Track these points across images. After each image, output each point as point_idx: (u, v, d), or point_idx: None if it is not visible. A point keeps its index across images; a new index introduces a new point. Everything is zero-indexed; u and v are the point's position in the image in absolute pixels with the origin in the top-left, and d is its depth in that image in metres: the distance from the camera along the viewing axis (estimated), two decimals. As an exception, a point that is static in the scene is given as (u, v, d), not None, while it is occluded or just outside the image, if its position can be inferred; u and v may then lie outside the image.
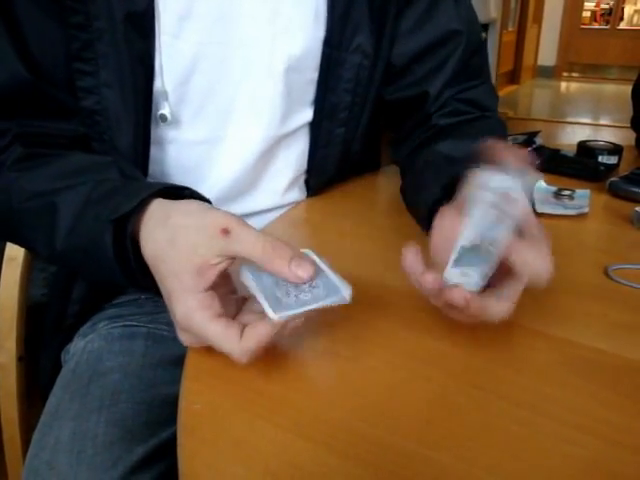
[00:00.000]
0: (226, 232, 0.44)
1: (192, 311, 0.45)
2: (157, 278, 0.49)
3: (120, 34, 0.63)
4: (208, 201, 0.54)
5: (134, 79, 0.65)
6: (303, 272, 0.44)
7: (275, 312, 0.42)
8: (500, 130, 0.79)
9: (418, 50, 0.78)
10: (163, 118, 0.68)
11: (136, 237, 0.52)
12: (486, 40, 4.92)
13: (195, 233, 0.46)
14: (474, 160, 0.54)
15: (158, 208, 0.51)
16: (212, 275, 0.45)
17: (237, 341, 0.43)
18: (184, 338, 0.48)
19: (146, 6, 0.63)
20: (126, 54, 0.64)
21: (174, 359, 0.68)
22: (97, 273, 0.59)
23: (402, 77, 0.80)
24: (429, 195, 0.60)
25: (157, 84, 0.67)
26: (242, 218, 0.46)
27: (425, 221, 0.59)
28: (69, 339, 0.77)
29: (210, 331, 0.44)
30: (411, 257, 0.48)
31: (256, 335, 0.43)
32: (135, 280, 0.53)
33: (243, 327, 0.44)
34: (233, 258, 0.45)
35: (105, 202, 0.55)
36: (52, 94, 0.65)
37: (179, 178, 0.73)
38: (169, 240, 0.47)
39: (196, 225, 0.47)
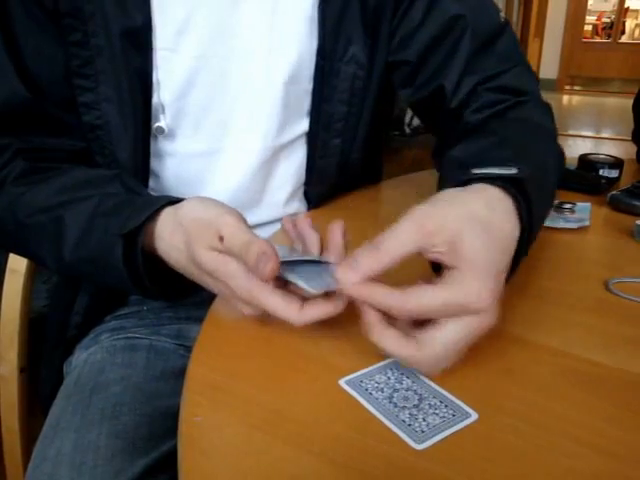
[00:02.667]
0: (221, 239, 0.49)
1: (250, 287, 0.48)
2: (197, 277, 0.54)
3: (118, 50, 0.64)
4: None
5: (132, 94, 0.66)
6: (261, 269, 0.46)
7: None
8: (537, 114, 0.74)
9: (424, 46, 0.75)
10: (159, 130, 0.69)
11: (149, 249, 0.55)
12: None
13: (205, 237, 0.51)
14: (477, 164, 0.54)
15: (168, 218, 0.55)
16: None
17: (297, 313, 0.47)
18: (246, 310, 0.51)
19: (143, 21, 0.64)
20: (124, 69, 0.65)
21: (176, 371, 0.69)
22: (106, 282, 0.63)
23: (416, 76, 0.78)
24: None
25: (155, 98, 0.67)
26: (238, 218, 0.51)
27: None
28: (71, 351, 0.77)
29: (272, 304, 0.48)
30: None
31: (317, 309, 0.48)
32: (145, 288, 0.57)
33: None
34: None
35: (114, 215, 0.57)
36: (51, 111, 0.66)
37: (179, 191, 0.74)
38: (186, 246, 0.52)
39: (204, 232, 0.51)
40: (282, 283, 0.50)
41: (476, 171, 0.53)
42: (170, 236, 0.54)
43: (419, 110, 0.84)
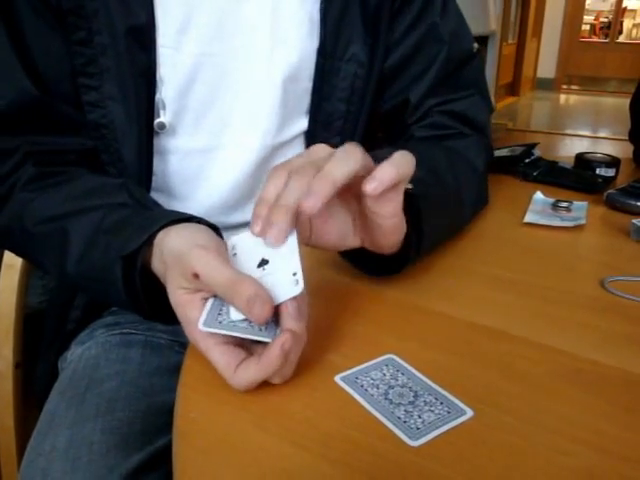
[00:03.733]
0: (196, 276, 0.44)
1: (197, 340, 0.45)
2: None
3: (122, 48, 0.64)
4: (214, 226, 0.53)
5: (136, 91, 0.66)
6: (257, 311, 0.42)
7: (203, 324, 0.43)
8: (473, 152, 0.77)
9: (402, 59, 0.78)
10: (160, 126, 0.68)
11: (148, 267, 0.53)
12: (486, 52, 4.95)
13: (176, 274, 0.46)
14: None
15: (158, 243, 0.51)
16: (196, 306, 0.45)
17: (232, 371, 0.43)
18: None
19: (146, 19, 0.63)
20: (128, 67, 0.64)
21: (170, 367, 0.68)
22: (107, 300, 0.63)
23: (389, 87, 0.80)
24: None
25: (158, 95, 0.67)
26: (218, 246, 0.47)
27: None
28: (66, 346, 0.77)
29: (212, 359, 0.44)
30: None
31: (247, 374, 0.43)
32: (142, 309, 0.54)
33: (247, 355, 0.44)
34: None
35: (115, 233, 0.56)
36: (59, 109, 0.66)
37: (179, 187, 0.74)
38: (164, 275, 0.49)
39: (175, 268, 0.47)
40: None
41: None
42: (158, 263, 0.51)
43: (383, 118, 0.84)
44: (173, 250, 0.48)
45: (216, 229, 0.52)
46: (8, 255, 0.85)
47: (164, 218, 0.53)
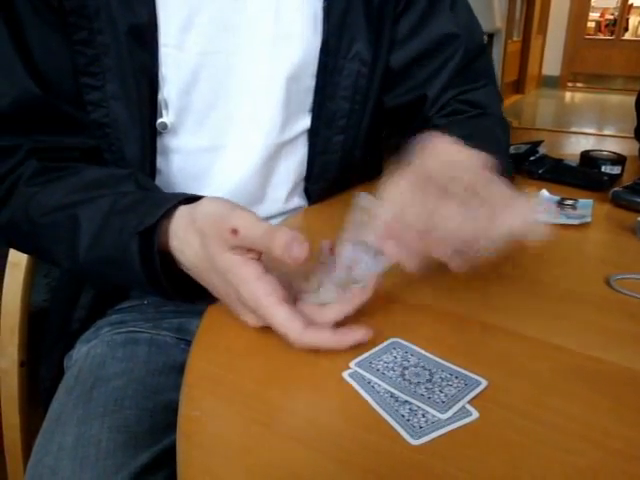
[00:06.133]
0: (235, 232, 0.47)
1: (258, 296, 0.48)
2: (206, 278, 0.53)
3: (124, 47, 0.63)
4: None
5: (138, 91, 0.66)
6: (296, 253, 0.46)
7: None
8: (498, 127, 0.80)
9: (416, 55, 0.79)
10: (162, 126, 0.69)
11: (164, 248, 0.54)
12: (491, 49, 4.94)
13: (217, 238, 0.49)
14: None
15: (183, 215, 0.54)
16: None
17: (300, 332, 0.47)
18: (250, 319, 0.51)
19: (148, 18, 0.63)
20: (130, 66, 0.64)
21: (177, 365, 0.68)
22: (121, 281, 0.63)
23: (402, 83, 0.81)
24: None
25: (160, 95, 0.67)
26: (252, 213, 0.49)
27: None
28: (72, 345, 0.77)
29: (275, 317, 0.47)
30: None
31: (319, 336, 0.48)
32: (161, 287, 0.55)
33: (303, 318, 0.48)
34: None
35: (129, 214, 0.56)
36: (61, 108, 0.66)
37: (183, 186, 0.74)
38: (201, 244, 0.51)
39: (214, 231, 0.50)
40: (292, 299, 0.50)
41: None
42: (184, 233, 0.53)
43: (393, 113, 0.85)
44: (210, 214, 0.51)
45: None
46: (13, 253, 0.85)
47: (180, 195, 0.55)
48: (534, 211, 0.45)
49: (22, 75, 0.63)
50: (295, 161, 0.79)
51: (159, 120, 0.68)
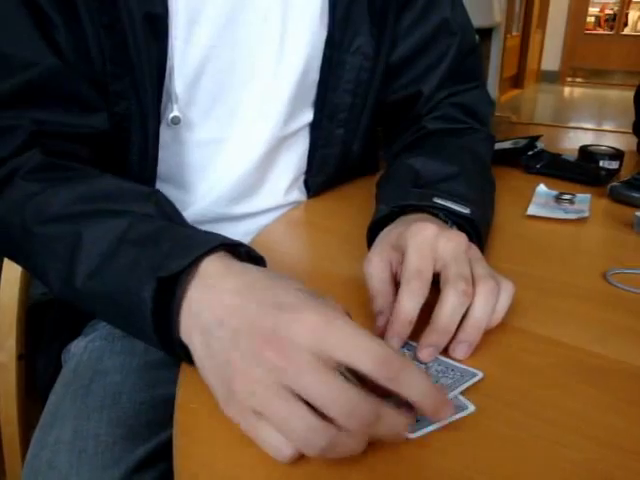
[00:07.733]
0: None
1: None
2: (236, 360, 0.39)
3: (140, 36, 0.62)
4: (262, 260, 0.49)
5: (151, 83, 0.65)
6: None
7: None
8: (484, 147, 0.81)
9: (413, 50, 0.80)
10: (175, 120, 0.68)
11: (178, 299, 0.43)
12: (490, 44, 4.93)
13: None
14: (435, 187, 0.61)
15: (223, 261, 0.44)
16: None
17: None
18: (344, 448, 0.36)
19: (162, 8, 0.62)
20: (145, 57, 0.63)
21: (175, 359, 0.68)
22: (121, 327, 0.51)
23: (399, 78, 0.82)
24: (377, 210, 0.64)
25: (169, 87, 0.67)
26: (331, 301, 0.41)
27: (369, 233, 0.63)
28: (70, 338, 0.77)
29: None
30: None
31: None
32: (172, 348, 0.46)
33: None
34: None
35: (147, 248, 0.46)
36: (76, 85, 0.62)
37: (186, 177, 0.74)
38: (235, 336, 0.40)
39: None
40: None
41: (438, 201, 0.60)
42: (222, 281, 0.42)
43: (389, 107, 0.85)
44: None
45: (263, 261, 0.49)
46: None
47: (213, 241, 0.45)
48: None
49: (39, 44, 0.58)
50: (296, 154, 0.80)
51: (172, 114, 0.68)
